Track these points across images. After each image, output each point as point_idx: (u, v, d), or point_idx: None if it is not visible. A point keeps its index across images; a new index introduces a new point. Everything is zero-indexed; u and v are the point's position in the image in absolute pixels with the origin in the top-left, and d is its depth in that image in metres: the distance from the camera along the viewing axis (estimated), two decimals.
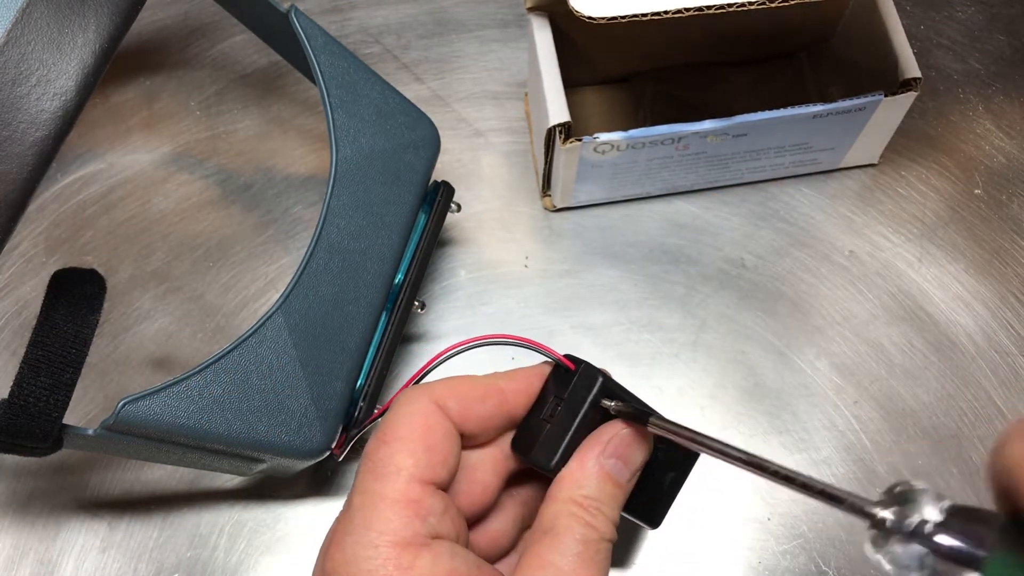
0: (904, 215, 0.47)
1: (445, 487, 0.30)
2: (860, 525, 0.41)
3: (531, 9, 0.42)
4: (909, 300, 0.45)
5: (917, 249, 0.46)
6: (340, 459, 0.39)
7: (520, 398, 0.32)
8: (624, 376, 0.43)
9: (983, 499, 0.41)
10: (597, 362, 0.43)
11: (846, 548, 0.40)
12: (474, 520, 0.32)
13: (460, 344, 0.34)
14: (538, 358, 0.33)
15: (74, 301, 0.32)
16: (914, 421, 0.42)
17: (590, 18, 0.37)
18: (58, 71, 0.30)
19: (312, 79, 0.39)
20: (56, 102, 0.30)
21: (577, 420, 0.31)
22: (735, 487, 0.41)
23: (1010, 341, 0.44)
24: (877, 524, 0.23)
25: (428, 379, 0.34)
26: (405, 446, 0.29)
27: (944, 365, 0.44)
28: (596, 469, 0.30)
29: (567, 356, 0.32)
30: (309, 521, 0.41)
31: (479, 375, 0.32)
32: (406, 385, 0.34)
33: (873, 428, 0.42)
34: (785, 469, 0.27)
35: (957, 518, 0.22)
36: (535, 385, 0.32)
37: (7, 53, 0.29)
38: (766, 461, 0.27)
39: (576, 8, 0.37)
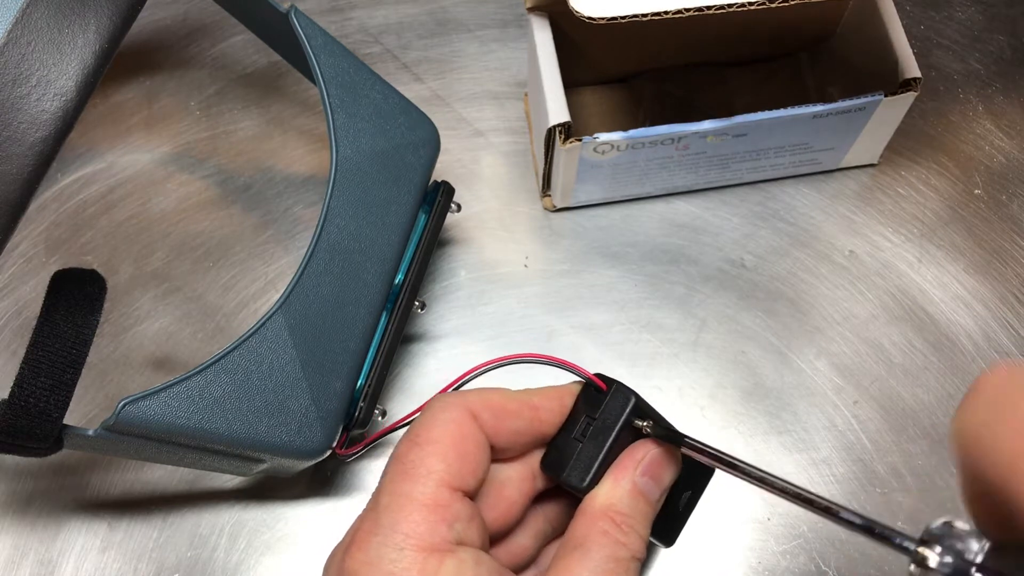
0: (904, 215, 0.47)
1: (473, 496, 0.30)
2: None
3: (531, 9, 0.42)
4: (909, 300, 0.45)
5: (917, 249, 0.46)
6: (348, 460, 0.40)
7: (551, 416, 0.32)
8: (624, 376, 0.43)
9: None
10: (597, 363, 0.44)
11: (846, 548, 0.40)
12: (498, 536, 0.32)
13: (497, 360, 0.34)
14: (553, 374, 0.33)
15: (74, 301, 0.32)
16: (914, 421, 0.42)
17: (590, 18, 0.37)
18: (58, 71, 0.30)
19: (312, 79, 0.39)
20: (56, 102, 0.30)
21: (609, 440, 0.31)
22: (735, 487, 0.41)
23: (1010, 341, 0.44)
24: (919, 562, 0.23)
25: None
26: (438, 450, 0.29)
27: (944, 365, 0.44)
28: (630, 487, 0.30)
29: (598, 375, 0.32)
30: (309, 521, 0.41)
31: (512, 389, 0.32)
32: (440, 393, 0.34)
33: (873, 428, 0.42)
34: (825, 500, 0.27)
35: (997, 557, 0.22)
36: (566, 404, 0.32)
37: (7, 54, 0.29)
38: (803, 489, 0.27)
39: (576, 8, 0.37)
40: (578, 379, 0.33)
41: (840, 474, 0.41)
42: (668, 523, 0.35)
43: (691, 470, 0.34)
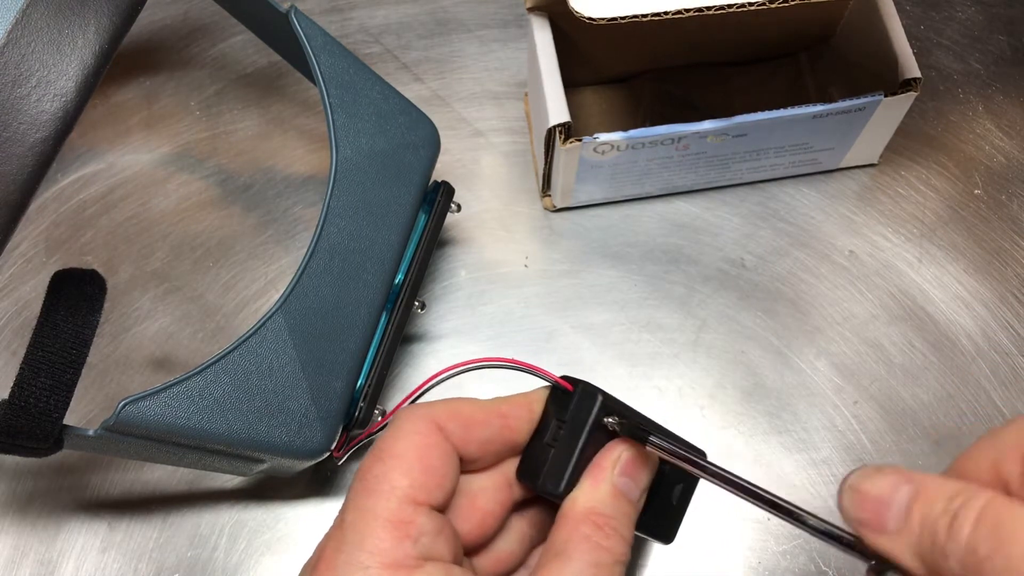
0: (904, 215, 0.47)
1: (442, 509, 0.29)
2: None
3: (531, 9, 0.42)
4: (909, 300, 0.45)
5: (917, 249, 0.46)
6: (340, 463, 0.40)
7: (521, 423, 0.32)
8: (624, 376, 0.43)
9: None
10: (597, 363, 0.44)
11: None
12: (479, 546, 0.32)
13: (458, 366, 0.33)
14: (528, 379, 0.33)
15: (74, 301, 0.32)
16: (914, 421, 0.43)
17: (590, 19, 0.37)
18: (58, 72, 0.30)
19: (312, 79, 0.39)
20: (56, 103, 0.30)
21: (581, 442, 0.30)
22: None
23: (1010, 341, 0.44)
24: (875, 568, 0.24)
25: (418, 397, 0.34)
26: (401, 464, 0.29)
27: (944, 365, 0.44)
28: (610, 488, 0.30)
29: (564, 377, 0.32)
30: (309, 521, 0.41)
31: (480, 398, 0.32)
32: (400, 404, 0.33)
33: (873, 428, 0.42)
34: (783, 500, 0.27)
35: None
36: (535, 410, 0.32)
37: (7, 54, 0.29)
38: (762, 490, 0.27)
39: (576, 8, 0.37)
40: (546, 383, 0.32)
41: (840, 474, 0.41)
42: (664, 520, 0.34)
43: None
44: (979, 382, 0.43)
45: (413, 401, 0.34)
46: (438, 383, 0.34)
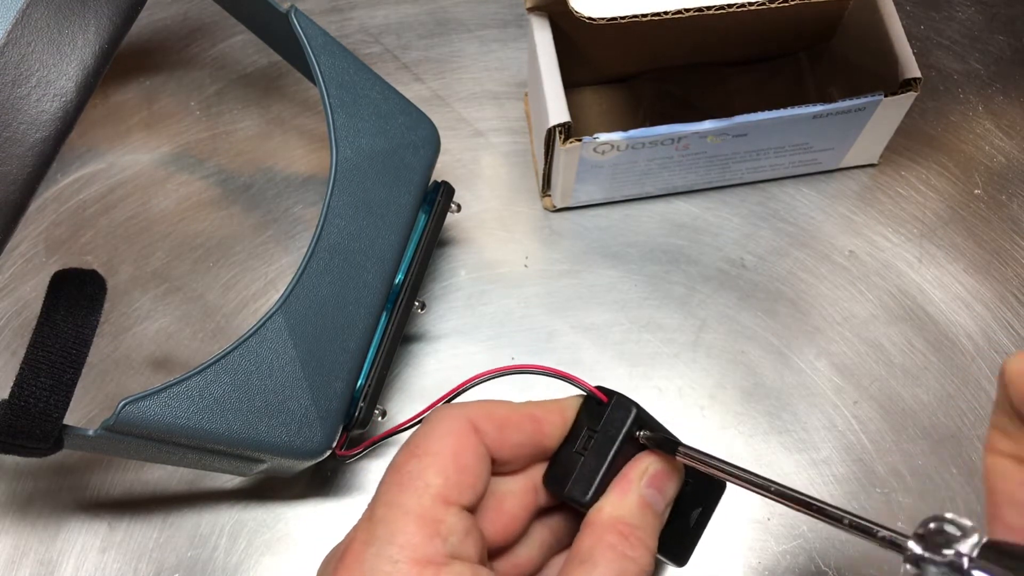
0: (904, 215, 0.47)
1: (472, 509, 0.29)
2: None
3: (531, 9, 0.42)
4: (909, 300, 0.45)
5: (917, 249, 0.46)
6: (349, 462, 0.40)
7: (553, 429, 0.32)
8: (624, 376, 0.43)
9: (983, 500, 0.41)
10: (597, 363, 0.44)
11: (846, 548, 0.40)
12: (501, 549, 0.32)
13: (495, 371, 0.33)
14: (550, 384, 0.33)
15: (74, 301, 0.32)
16: (914, 421, 0.43)
17: (590, 18, 0.37)
18: (58, 72, 0.30)
19: (312, 79, 0.39)
20: (56, 103, 0.30)
21: (612, 452, 0.31)
22: (734, 487, 0.41)
23: (1010, 341, 0.44)
24: (911, 559, 0.23)
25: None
26: (436, 462, 0.29)
27: (944, 365, 0.44)
28: (637, 499, 0.30)
29: (599, 388, 0.32)
30: (309, 521, 0.41)
31: (514, 401, 0.32)
32: (433, 404, 0.33)
33: (873, 428, 0.42)
34: (815, 500, 0.27)
35: (990, 553, 0.22)
36: (568, 417, 0.32)
37: (7, 54, 0.29)
38: (794, 491, 0.27)
39: (576, 8, 0.37)
40: (579, 391, 0.33)
41: (840, 474, 0.41)
42: (679, 542, 0.34)
43: (701, 486, 0.34)
44: (979, 382, 0.43)
45: (447, 402, 0.34)
46: (474, 386, 0.34)
